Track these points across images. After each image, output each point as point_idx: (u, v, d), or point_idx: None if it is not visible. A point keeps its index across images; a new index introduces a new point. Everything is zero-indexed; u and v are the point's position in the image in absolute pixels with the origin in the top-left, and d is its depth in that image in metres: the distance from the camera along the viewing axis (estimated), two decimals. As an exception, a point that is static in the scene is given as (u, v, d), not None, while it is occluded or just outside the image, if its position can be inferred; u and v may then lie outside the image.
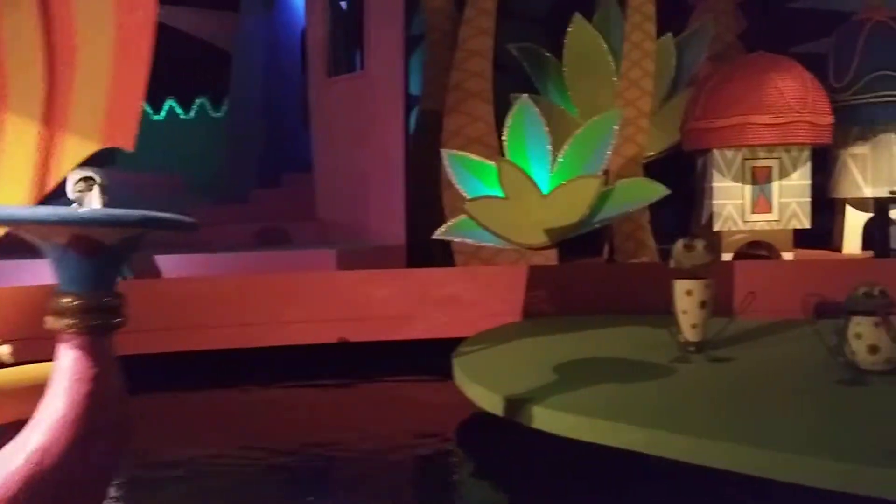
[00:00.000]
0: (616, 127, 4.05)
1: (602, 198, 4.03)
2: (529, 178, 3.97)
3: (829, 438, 1.76)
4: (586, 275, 3.92)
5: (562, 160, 4.08)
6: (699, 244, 2.63)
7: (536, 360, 2.60)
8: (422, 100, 5.66)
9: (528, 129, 4.07)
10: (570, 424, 1.97)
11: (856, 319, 2.25)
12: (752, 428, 1.85)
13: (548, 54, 5.53)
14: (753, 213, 4.66)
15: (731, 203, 4.66)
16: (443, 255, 4.77)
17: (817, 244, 5.39)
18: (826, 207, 5.42)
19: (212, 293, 3.54)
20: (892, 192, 4.77)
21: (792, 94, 4.46)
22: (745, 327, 2.82)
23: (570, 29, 5.40)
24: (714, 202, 4.69)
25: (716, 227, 4.70)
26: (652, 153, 5.41)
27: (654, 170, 5.96)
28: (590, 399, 2.13)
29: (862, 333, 2.23)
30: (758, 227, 4.67)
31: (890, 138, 5.20)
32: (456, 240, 4.16)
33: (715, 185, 4.68)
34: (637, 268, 4.13)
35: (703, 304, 2.60)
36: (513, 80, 5.68)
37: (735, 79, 4.57)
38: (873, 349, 2.21)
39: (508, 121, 4.09)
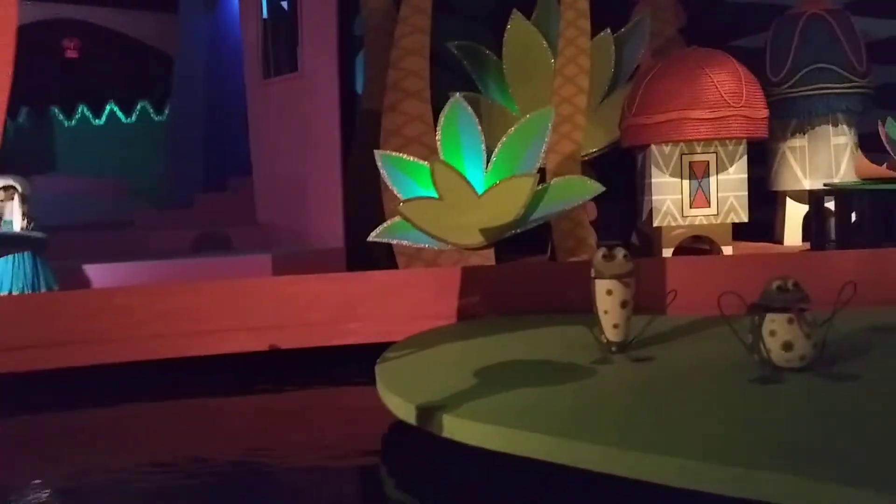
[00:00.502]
0: (550, 125, 4.02)
1: (537, 196, 4.00)
2: (463, 178, 3.92)
3: (730, 444, 1.73)
4: (523, 274, 3.88)
5: (496, 159, 4.03)
6: (619, 253, 2.60)
7: (459, 365, 2.56)
8: (363, 100, 5.60)
9: (462, 129, 4.02)
10: (478, 433, 1.93)
11: (770, 316, 2.23)
12: (656, 434, 1.81)
13: (488, 52, 5.49)
14: (692, 207, 4.67)
15: (669, 198, 4.67)
16: (387, 256, 4.72)
17: (762, 237, 5.43)
18: (769, 200, 5.47)
19: (131, 303, 3.43)
20: (826, 185, 4.80)
21: (726, 89, 4.47)
22: (669, 325, 2.80)
23: (508, 26, 5.37)
24: (653, 198, 4.69)
25: (655, 223, 4.71)
26: (594, 150, 5.40)
27: (600, 166, 5.98)
28: (502, 406, 2.08)
29: (776, 330, 2.21)
30: (697, 221, 4.68)
31: (827, 130, 5.25)
32: (392, 242, 4.09)
33: (653, 180, 4.68)
34: (573, 266, 4.09)
35: (623, 304, 2.58)
36: (459, 78, 5.64)
37: (670, 74, 4.56)
38: (787, 346, 2.20)
39: (441, 120, 4.04)
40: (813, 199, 4.79)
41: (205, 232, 5.24)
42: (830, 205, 4.88)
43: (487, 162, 4.04)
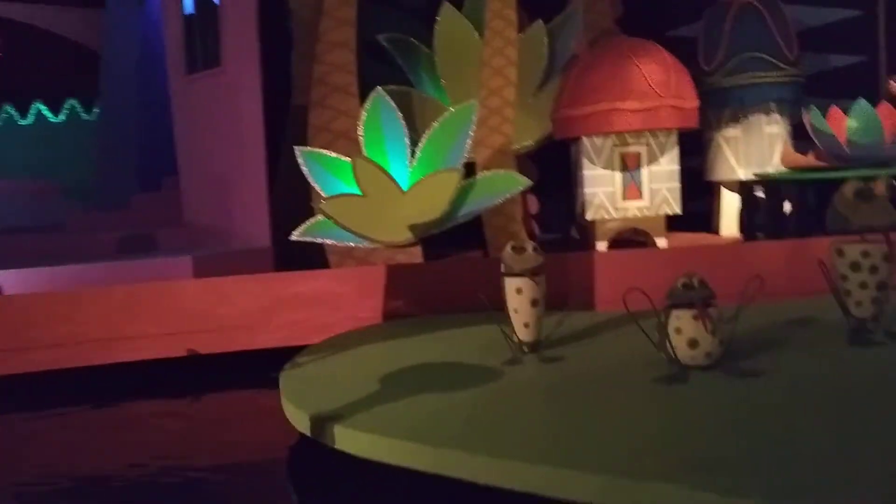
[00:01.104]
0: (474, 118, 3.94)
1: (464, 191, 3.92)
2: (387, 173, 3.83)
3: (625, 455, 1.67)
4: (449, 272, 3.80)
5: (420, 155, 3.95)
6: (529, 246, 2.53)
7: (366, 370, 2.46)
8: (293, 96, 5.46)
9: (385, 124, 3.93)
10: (369, 445, 1.84)
11: (675, 313, 2.17)
12: (550, 444, 1.74)
13: (419, 44, 5.37)
14: (625, 200, 4.62)
15: (602, 191, 4.61)
16: (321, 256, 4.60)
17: (703, 228, 5.42)
18: (710, 190, 5.46)
19: (39, 310, 3.29)
20: (757, 175, 4.79)
21: (655, 79, 4.43)
22: (587, 321, 2.73)
23: (438, 18, 5.27)
24: (585, 190, 4.64)
25: (588, 216, 4.65)
26: (530, 142, 5.32)
27: (540, 158, 5.91)
28: (398, 415, 2.00)
29: (681, 328, 2.16)
30: (630, 214, 4.63)
31: (760, 120, 5.23)
32: (315, 241, 3.98)
33: (585, 172, 4.63)
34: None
35: (534, 303, 2.51)
36: (396, 71, 5.54)
37: (599, 65, 4.51)
38: (693, 343, 2.14)
39: (363, 115, 3.94)
40: (743, 189, 4.77)
41: (130, 234, 5.07)
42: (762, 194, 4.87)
43: (412, 157, 3.96)
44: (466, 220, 4.00)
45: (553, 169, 5.29)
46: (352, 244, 3.85)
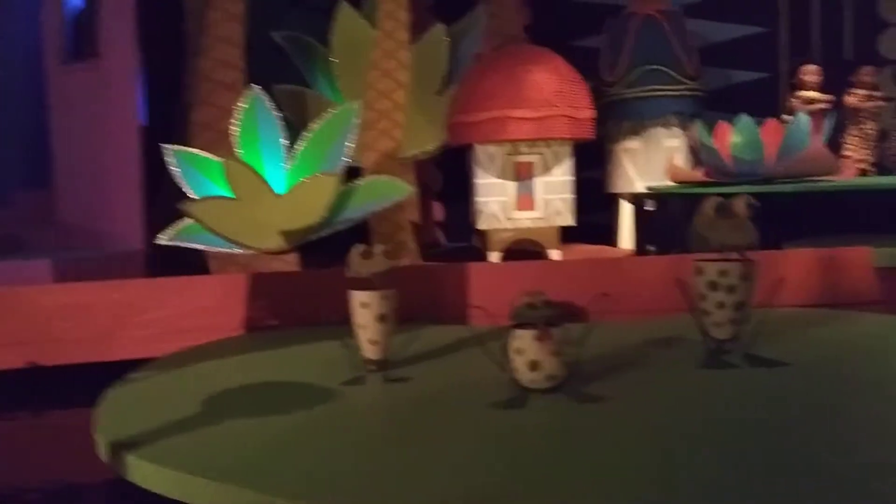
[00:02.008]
0: (356, 120, 3.77)
1: (343, 197, 3.74)
2: (260, 176, 3.63)
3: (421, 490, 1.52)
4: (321, 281, 3.60)
5: (298, 157, 3.76)
6: (378, 250, 2.37)
7: (196, 389, 2.27)
8: (182, 92, 5.21)
9: (261, 124, 3.72)
10: (158, 478, 1.65)
11: (517, 333, 2.04)
12: (337, 479, 1.58)
13: (316, 44, 5.19)
14: (517, 210, 4.51)
15: (494, 200, 4.50)
16: (202, 260, 4.36)
17: (608, 240, 5.36)
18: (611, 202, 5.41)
19: None
20: (649, 189, 4.74)
21: (549, 88, 4.33)
22: (447, 337, 2.58)
23: (336, 17, 5.09)
24: (478, 199, 4.51)
25: (480, 226, 4.54)
26: (429, 148, 5.19)
27: (445, 164, 5.78)
28: (203, 444, 1.81)
29: (522, 348, 2.02)
30: (522, 224, 4.52)
31: (660, 133, 5.21)
32: (184, 245, 3.74)
33: (478, 181, 4.51)
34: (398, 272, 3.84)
35: (381, 318, 2.35)
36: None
37: (493, 72, 4.40)
38: (534, 365, 2.01)
39: (237, 115, 3.73)
40: (635, 202, 4.72)
41: (-1, 234, 4.75)
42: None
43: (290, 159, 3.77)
44: (346, 228, 3.83)
45: (460, 175, 5.17)
46: (215, 249, 3.62)
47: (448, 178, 5.73)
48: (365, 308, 2.34)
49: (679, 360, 2.34)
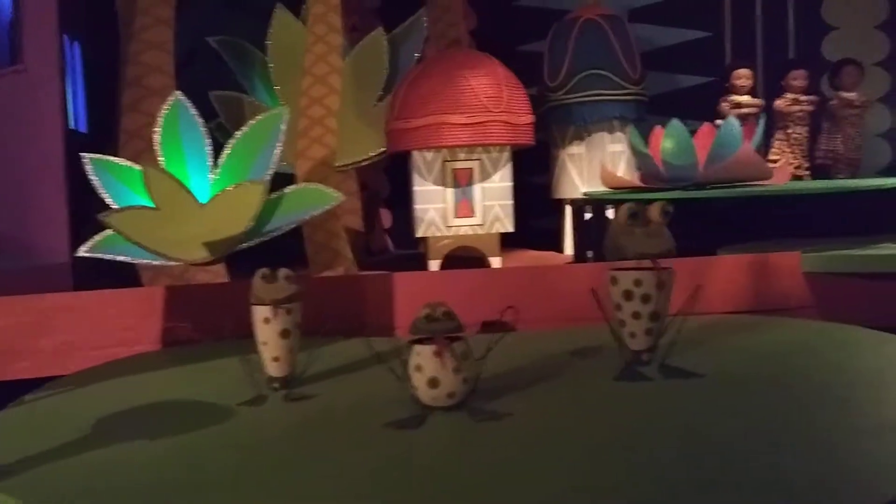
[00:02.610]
0: (283, 126, 3.67)
1: (270, 206, 3.64)
2: (181, 184, 3.52)
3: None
4: (245, 293, 3.49)
5: (223, 165, 3.66)
6: (281, 274, 2.28)
7: (87, 412, 2.15)
8: (117, 99, 5.07)
9: (183, 131, 3.62)
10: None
11: (416, 348, 1.96)
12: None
13: (253, 49, 5.09)
14: (456, 217, 4.43)
15: (433, 207, 4.42)
16: (136, 272, 4.23)
17: (555, 247, 5.31)
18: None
19: None
20: (585, 195, 4.70)
21: (486, 93, 4.27)
22: (362, 351, 2.48)
23: (272, 22, 5.00)
24: (416, 206, 4.43)
25: (418, 233, 4.46)
26: (372, 154, 5.12)
27: (392, 171, 5.71)
28: (74, 473, 1.70)
29: (421, 365, 1.94)
30: (462, 231, 4.45)
31: (604, 138, 5.17)
32: (106, 257, 3.61)
33: (416, 188, 4.42)
34: (317, 283, 3.76)
35: (284, 334, 2.26)
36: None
37: (429, 77, 4.32)
38: (433, 382, 1.93)
39: (159, 122, 3.62)
40: (574, 208, 4.67)
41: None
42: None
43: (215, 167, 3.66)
44: (278, 237, 3.73)
45: (409, 181, 5.10)
46: (138, 261, 3.50)
47: (396, 184, 5.66)
48: (267, 324, 2.24)
49: (593, 372, 2.28)
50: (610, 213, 4.72)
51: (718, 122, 4.58)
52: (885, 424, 1.74)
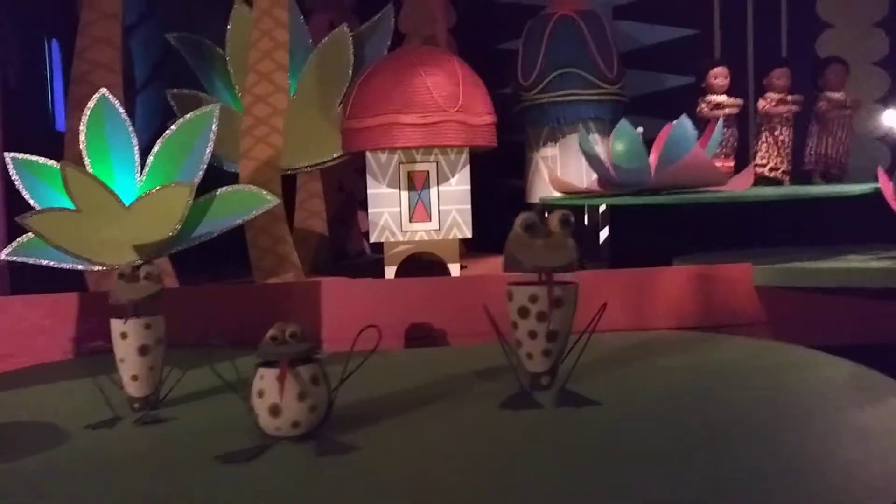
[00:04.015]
0: (214, 126, 3.51)
1: (200, 209, 3.48)
2: (103, 185, 3.36)
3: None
4: (172, 300, 3.32)
5: (151, 165, 3.50)
6: (143, 272, 2.10)
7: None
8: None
9: (109, 130, 3.47)
10: None
11: (259, 372, 1.77)
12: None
13: (213, 45, 4.93)
14: (412, 222, 4.23)
15: (388, 211, 4.22)
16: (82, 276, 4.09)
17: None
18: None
19: None
20: (541, 200, 4.47)
21: (441, 92, 4.05)
22: (243, 368, 2.28)
23: (231, 18, 4.84)
24: (370, 210, 4.23)
25: (372, 238, 4.26)
26: (336, 155, 4.93)
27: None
28: None
29: (264, 390, 1.75)
30: (418, 237, 4.24)
31: (577, 139, 4.92)
32: (29, 262, 3.47)
33: (370, 191, 4.22)
34: (249, 292, 3.58)
35: (143, 350, 2.07)
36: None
37: (383, 74, 4.12)
38: (275, 410, 1.73)
39: (84, 120, 3.47)
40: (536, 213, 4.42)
41: None
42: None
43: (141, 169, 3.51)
44: (205, 241, 3.56)
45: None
46: (61, 265, 3.35)
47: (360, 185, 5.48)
48: (124, 339, 2.06)
49: (484, 397, 2.07)
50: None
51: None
52: (794, 466, 1.51)
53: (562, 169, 4.90)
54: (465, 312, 2.89)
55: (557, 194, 4.74)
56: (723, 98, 4.73)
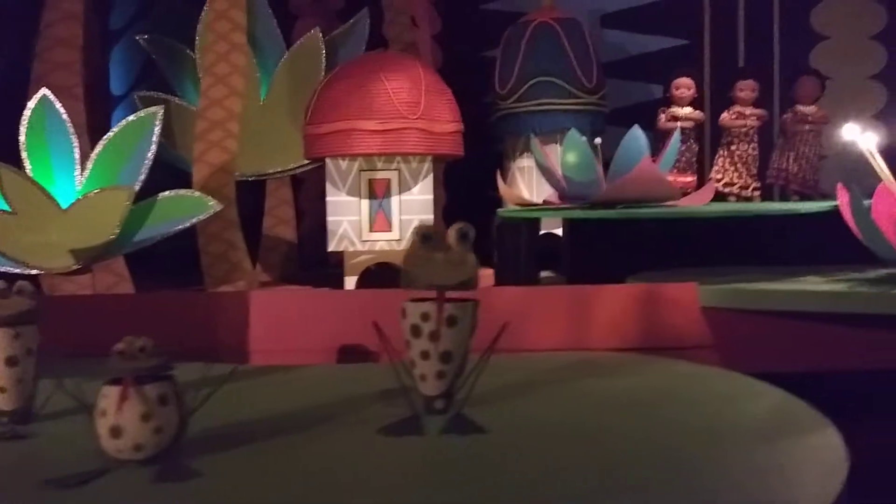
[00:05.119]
0: (157, 129, 3.42)
1: (140, 213, 3.41)
2: (41, 188, 3.30)
3: None
4: (104, 308, 3.23)
5: (92, 168, 3.43)
6: (17, 287, 1.99)
7: None
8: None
9: (50, 132, 3.40)
10: None
11: (103, 390, 1.64)
12: None
13: (183, 48, 4.86)
14: (372, 231, 4.11)
15: (347, 219, 4.11)
16: (33, 281, 4.03)
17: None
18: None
19: None
20: (497, 212, 4.33)
21: (403, 98, 3.94)
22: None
23: (201, 19, 4.75)
24: (329, 219, 4.12)
25: (330, 247, 4.15)
26: (306, 161, 4.84)
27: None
28: None
29: (106, 410, 1.62)
30: (378, 246, 4.13)
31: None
32: (-35, 263, 3.40)
33: (329, 198, 4.12)
34: (195, 300, 3.46)
35: (11, 361, 1.96)
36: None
37: (343, 80, 4.02)
38: (116, 431, 1.61)
39: (24, 121, 3.40)
40: (495, 226, 4.29)
41: None
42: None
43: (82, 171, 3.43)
44: (145, 246, 3.47)
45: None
46: (11, 269, 3.28)
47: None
48: (-12, 350, 1.95)
49: (372, 421, 1.93)
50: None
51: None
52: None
53: (538, 180, 4.76)
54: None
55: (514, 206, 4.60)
56: (684, 110, 4.57)
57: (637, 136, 3.46)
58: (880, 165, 2.84)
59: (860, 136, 2.89)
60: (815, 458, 1.65)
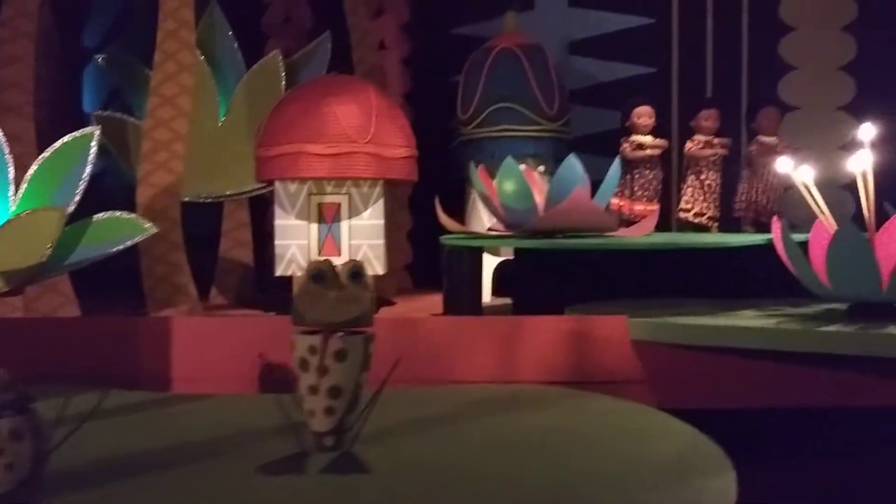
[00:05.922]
0: (94, 149, 3.37)
1: (73, 235, 3.34)
2: (-31, 208, 3.23)
3: None
4: (37, 333, 3.17)
5: (26, 189, 3.37)
6: None
7: None
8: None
9: (-17, 150, 3.34)
10: None
11: (-46, 424, 1.58)
12: None
13: (141, 65, 4.81)
14: (321, 255, 4.04)
15: (295, 243, 4.03)
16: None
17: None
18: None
19: None
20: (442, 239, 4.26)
21: (352, 122, 3.87)
22: (77, 408, 2.09)
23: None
24: (276, 242, 4.05)
25: (277, 272, 4.06)
26: (259, 184, 4.78)
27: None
28: None
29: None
30: (326, 271, 4.05)
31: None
32: None
33: (277, 222, 4.05)
34: (131, 326, 3.39)
35: None
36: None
37: (292, 103, 3.96)
38: (9, 468, 1.55)
39: (-45, 139, 3.36)
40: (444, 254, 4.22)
41: None
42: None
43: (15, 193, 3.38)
44: (77, 269, 3.42)
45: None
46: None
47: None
48: None
49: (249, 457, 1.86)
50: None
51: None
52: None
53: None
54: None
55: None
56: (647, 139, 4.53)
57: (572, 164, 3.40)
58: (816, 199, 2.78)
59: (794, 170, 2.84)
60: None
